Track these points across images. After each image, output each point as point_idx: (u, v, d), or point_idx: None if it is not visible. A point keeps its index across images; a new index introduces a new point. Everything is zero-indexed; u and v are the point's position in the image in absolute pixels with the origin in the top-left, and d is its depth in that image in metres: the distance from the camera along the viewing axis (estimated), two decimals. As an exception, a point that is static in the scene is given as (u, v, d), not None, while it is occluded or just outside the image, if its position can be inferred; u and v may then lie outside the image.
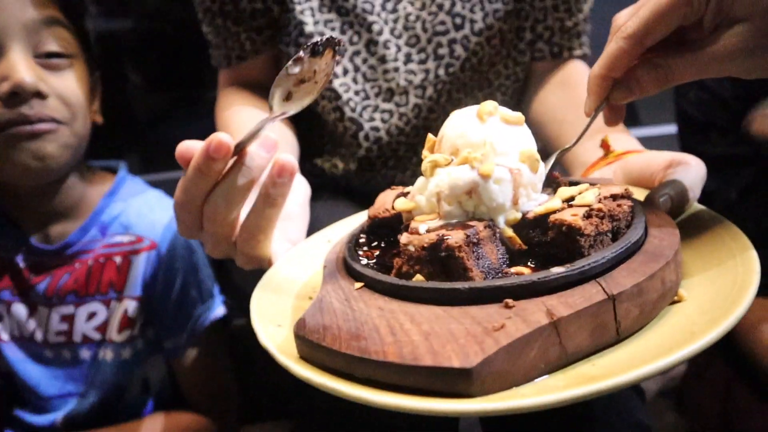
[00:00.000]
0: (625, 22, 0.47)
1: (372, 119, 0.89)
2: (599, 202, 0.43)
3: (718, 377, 0.93)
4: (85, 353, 0.89)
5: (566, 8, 0.89)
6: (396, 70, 0.87)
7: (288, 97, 0.48)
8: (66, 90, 0.83)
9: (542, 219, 0.43)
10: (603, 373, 0.35)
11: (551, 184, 0.51)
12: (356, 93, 0.88)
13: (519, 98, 0.95)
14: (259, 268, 0.56)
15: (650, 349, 0.37)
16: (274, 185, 0.50)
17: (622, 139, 0.67)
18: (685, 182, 0.52)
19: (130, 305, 0.90)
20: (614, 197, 0.45)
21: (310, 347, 0.40)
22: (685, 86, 0.98)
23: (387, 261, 0.48)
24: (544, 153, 0.52)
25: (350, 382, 0.37)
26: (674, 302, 0.43)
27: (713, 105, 0.95)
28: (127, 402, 0.92)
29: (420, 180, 0.48)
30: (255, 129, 0.48)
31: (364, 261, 0.48)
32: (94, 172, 0.96)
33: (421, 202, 0.47)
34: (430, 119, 0.90)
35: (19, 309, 0.89)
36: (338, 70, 0.87)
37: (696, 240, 0.49)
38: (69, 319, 0.89)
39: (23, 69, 0.78)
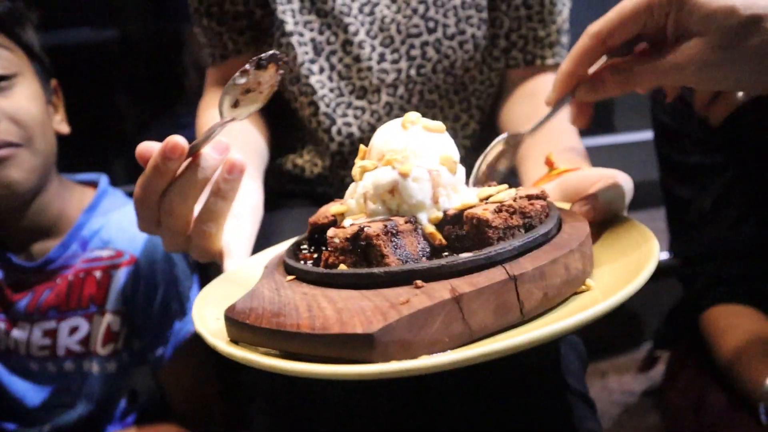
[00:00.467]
0: None
1: (345, 115, 0.95)
2: (514, 201, 0.47)
3: (693, 379, 0.93)
4: (69, 366, 0.92)
5: (540, 19, 0.95)
6: (369, 69, 0.93)
7: (236, 105, 0.53)
8: (16, 110, 0.85)
9: (459, 215, 0.47)
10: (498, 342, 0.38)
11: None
12: (331, 90, 0.94)
13: (494, 103, 1.00)
14: (214, 263, 0.60)
15: (550, 323, 0.40)
16: (225, 181, 0.56)
17: (568, 155, 0.72)
18: (607, 196, 0.56)
19: (112, 319, 0.92)
20: (529, 197, 0.49)
21: (236, 327, 0.43)
22: (660, 94, 1.00)
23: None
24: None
25: (268, 356, 0.40)
26: (582, 291, 0.46)
27: (687, 114, 0.97)
28: (115, 413, 0.94)
29: (352, 185, 0.52)
30: (207, 133, 0.53)
31: (303, 262, 0.52)
32: (71, 187, 0.98)
33: (352, 205, 0.51)
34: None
35: (0, 325, 0.91)
36: (315, 67, 0.94)
37: (611, 240, 0.53)
38: (51, 333, 0.91)
39: None
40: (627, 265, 0.47)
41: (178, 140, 0.52)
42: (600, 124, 0.60)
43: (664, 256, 1.07)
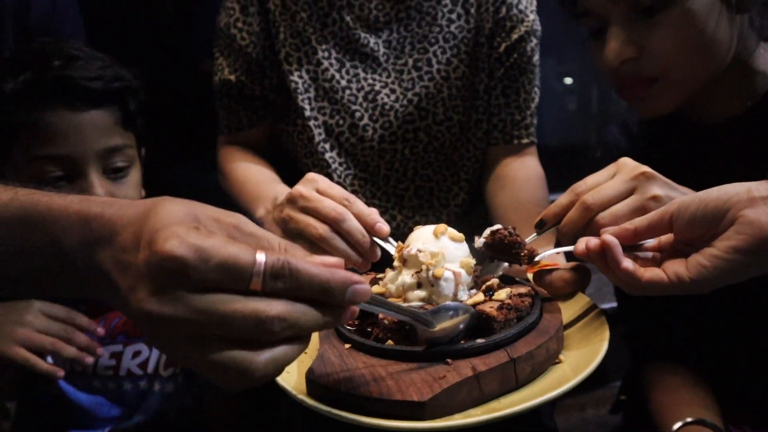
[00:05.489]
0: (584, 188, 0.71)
1: (352, 185, 1.14)
2: (510, 298, 0.66)
3: (639, 426, 1.07)
4: (128, 386, 1.05)
5: (516, 105, 1.15)
6: (372, 148, 1.12)
7: None
8: (126, 197, 0.97)
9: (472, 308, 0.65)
10: (504, 406, 0.57)
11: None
12: (340, 164, 1.13)
13: (479, 175, 1.19)
14: None
15: (535, 392, 0.59)
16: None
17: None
18: (575, 277, 0.76)
19: None
20: (520, 295, 0.68)
21: (319, 388, 0.60)
22: None
23: (364, 328, 0.68)
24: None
25: (347, 411, 0.57)
26: (556, 363, 0.65)
27: None
28: (167, 424, 1.07)
29: (392, 273, 0.70)
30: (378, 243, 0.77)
31: (349, 328, 0.69)
32: None
33: (392, 289, 0.69)
34: (400, 188, 1.15)
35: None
36: (327, 146, 1.12)
37: (578, 322, 0.72)
38: (117, 356, 1.04)
39: (99, 190, 0.94)
40: (588, 343, 0.66)
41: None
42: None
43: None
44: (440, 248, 0.68)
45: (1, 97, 0.94)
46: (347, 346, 0.66)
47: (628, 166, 0.72)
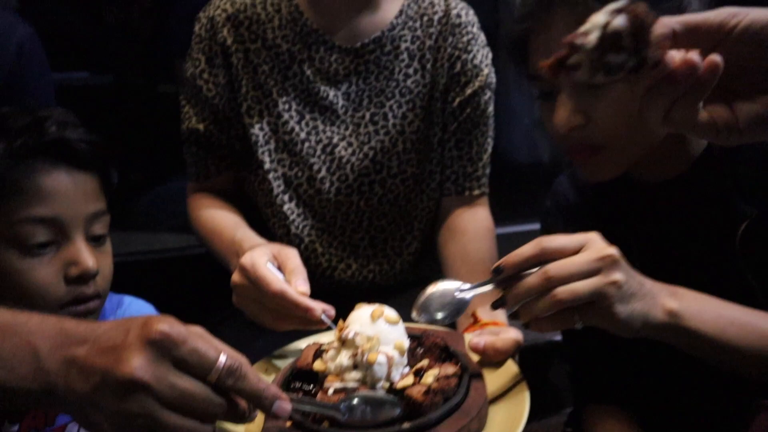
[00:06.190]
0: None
1: (309, 235, 1.18)
2: (437, 380, 0.73)
3: None
4: None
5: (469, 158, 1.20)
6: (328, 200, 1.17)
7: None
8: (105, 267, 0.99)
9: (401, 391, 0.72)
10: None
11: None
12: (298, 215, 1.17)
13: (432, 224, 1.25)
14: None
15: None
16: None
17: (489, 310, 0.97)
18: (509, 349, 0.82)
19: None
20: (447, 376, 0.75)
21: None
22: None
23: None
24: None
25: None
26: (479, 441, 0.72)
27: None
28: None
29: (332, 352, 0.76)
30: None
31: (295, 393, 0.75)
32: None
33: (331, 368, 0.75)
34: (355, 238, 1.20)
35: None
36: (286, 197, 1.17)
37: (503, 394, 0.79)
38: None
39: (87, 256, 0.94)
40: (509, 417, 0.73)
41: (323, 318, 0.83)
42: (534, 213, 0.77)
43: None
44: (376, 332, 0.74)
45: None
46: (288, 423, 0.72)
47: (597, 245, 0.74)
